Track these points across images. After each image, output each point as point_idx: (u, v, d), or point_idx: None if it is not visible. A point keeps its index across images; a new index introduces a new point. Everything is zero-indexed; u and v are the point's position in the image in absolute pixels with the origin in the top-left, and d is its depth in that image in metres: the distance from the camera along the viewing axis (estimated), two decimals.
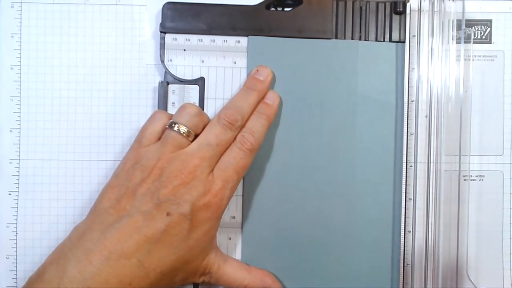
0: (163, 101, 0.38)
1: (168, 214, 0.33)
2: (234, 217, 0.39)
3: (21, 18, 0.39)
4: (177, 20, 0.38)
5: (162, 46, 0.39)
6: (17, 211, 0.39)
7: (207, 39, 0.39)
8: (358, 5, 0.39)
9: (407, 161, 0.38)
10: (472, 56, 0.39)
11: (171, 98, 0.38)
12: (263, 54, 0.39)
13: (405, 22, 0.39)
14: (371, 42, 0.39)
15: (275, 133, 0.39)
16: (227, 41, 0.39)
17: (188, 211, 0.33)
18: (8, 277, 0.38)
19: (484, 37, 0.40)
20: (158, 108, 0.38)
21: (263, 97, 0.37)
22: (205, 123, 0.36)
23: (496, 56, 0.40)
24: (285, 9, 0.39)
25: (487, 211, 0.39)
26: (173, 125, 0.35)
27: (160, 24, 0.38)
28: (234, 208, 0.39)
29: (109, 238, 0.32)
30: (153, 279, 0.33)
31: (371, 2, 0.39)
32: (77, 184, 0.39)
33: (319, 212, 0.39)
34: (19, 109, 0.39)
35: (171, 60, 0.39)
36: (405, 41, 0.39)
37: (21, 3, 0.39)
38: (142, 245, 0.32)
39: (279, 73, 0.38)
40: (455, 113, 0.38)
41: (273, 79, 0.38)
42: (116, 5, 0.39)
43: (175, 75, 0.39)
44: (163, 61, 0.39)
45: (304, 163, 0.39)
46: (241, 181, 0.38)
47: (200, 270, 0.35)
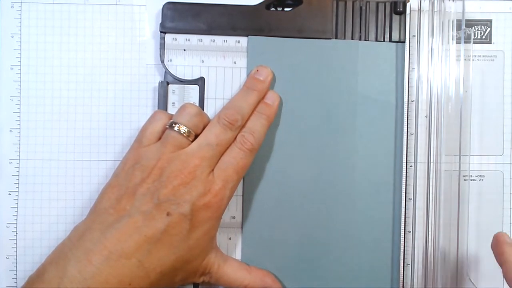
0: (163, 101, 0.38)
1: (168, 214, 0.33)
2: (234, 217, 0.39)
3: (21, 18, 0.39)
4: (177, 20, 0.38)
5: (162, 46, 0.39)
6: (17, 211, 0.39)
7: (207, 39, 0.39)
8: (358, 5, 0.39)
9: (407, 161, 0.38)
10: (472, 56, 0.39)
11: (171, 98, 0.38)
12: (263, 54, 0.39)
13: (405, 22, 0.39)
14: (371, 42, 0.39)
15: (275, 133, 0.39)
16: (227, 41, 0.39)
17: (188, 211, 0.33)
18: (8, 277, 0.38)
19: (484, 37, 0.40)
20: (158, 108, 0.38)
21: (263, 97, 0.37)
22: (205, 123, 0.36)
23: (496, 56, 0.40)
24: (285, 9, 0.39)
25: (487, 211, 0.39)
26: (173, 125, 0.35)
27: (160, 24, 0.38)
28: (234, 208, 0.39)
29: (109, 238, 0.32)
30: (153, 279, 0.33)
31: (371, 2, 0.39)
32: (77, 184, 0.39)
33: (319, 212, 0.39)
34: (19, 109, 0.39)
35: (171, 60, 0.39)
36: (405, 41, 0.39)
37: (21, 3, 0.39)
38: (142, 245, 0.32)
39: (279, 73, 0.39)
40: (455, 113, 0.38)
41: (273, 79, 0.38)
42: (116, 5, 0.39)
43: (175, 75, 0.39)
44: (163, 61, 0.39)
45: (304, 163, 0.39)
46: (241, 181, 0.38)
47: (200, 270, 0.35)
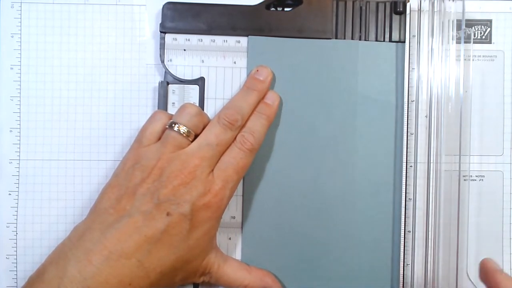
0: (163, 101, 0.38)
1: (168, 214, 0.33)
2: (234, 217, 0.39)
3: (21, 18, 0.39)
4: (177, 20, 0.38)
5: (162, 46, 0.39)
6: (17, 211, 0.39)
7: (207, 39, 0.39)
8: (358, 5, 0.39)
9: (407, 161, 0.38)
10: (472, 56, 0.39)
11: (171, 98, 0.38)
12: (263, 54, 0.39)
13: (405, 22, 0.39)
14: (371, 42, 0.39)
15: (275, 133, 0.39)
16: (227, 41, 0.39)
17: (188, 211, 0.33)
18: (8, 277, 0.38)
19: (484, 37, 0.40)
20: (158, 108, 0.38)
21: (263, 97, 0.37)
22: (205, 123, 0.36)
23: (496, 56, 0.40)
24: (285, 9, 0.39)
25: (487, 211, 0.39)
26: (173, 125, 0.35)
27: (160, 24, 0.38)
28: (234, 208, 0.39)
29: (109, 238, 0.32)
30: (153, 279, 0.33)
31: (371, 2, 0.39)
32: (77, 184, 0.39)
33: (318, 212, 0.39)
34: (19, 109, 0.39)
35: (171, 60, 0.39)
36: (405, 41, 0.39)
37: (21, 3, 0.39)
38: (142, 245, 0.32)
39: (279, 73, 0.38)
40: (455, 113, 0.38)
41: (273, 79, 0.38)
42: (116, 5, 0.39)
43: (175, 75, 0.39)
44: (163, 61, 0.39)
45: (304, 163, 0.39)
46: (241, 181, 0.38)
47: (200, 270, 0.35)
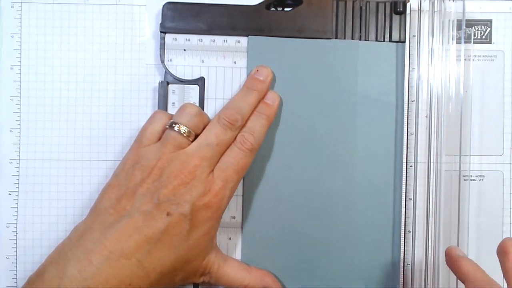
0: (163, 101, 0.38)
1: (168, 214, 0.33)
2: (234, 217, 0.39)
3: (21, 18, 0.39)
4: (177, 20, 0.38)
5: (162, 46, 0.39)
6: (17, 211, 0.39)
7: (207, 39, 0.39)
8: (358, 5, 0.39)
9: (407, 161, 0.38)
10: (472, 56, 0.39)
11: (171, 98, 0.38)
12: (263, 54, 0.39)
13: (405, 22, 0.39)
14: (371, 42, 0.39)
15: (275, 133, 0.39)
16: (227, 41, 0.39)
17: (188, 211, 0.33)
18: (8, 277, 0.38)
19: (484, 37, 0.40)
20: (158, 108, 0.38)
21: (263, 97, 0.37)
22: (205, 123, 0.36)
23: (496, 56, 0.40)
24: (285, 9, 0.39)
25: (487, 211, 0.39)
26: (173, 125, 0.35)
27: (160, 24, 0.38)
28: (234, 208, 0.39)
29: (109, 238, 0.32)
30: (153, 279, 0.33)
31: (371, 2, 0.39)
32: (77, 184, 0.39)
33: (319, 212, 0.39)
34: (19, 109, 0.39)
35: (171, 60, 0.39)
36: (405, 41, 0.39)
37: (21, 3, 0.39)
38: (142, 245, 0.32)
39: (279, 73, 0.38)
40: (455, 113, 0.38)
41: (273, 79, 0.38)
42: (116, 5, 0.39)
43: (175, 75, 0.39)
44: (163, 61, 0.39)
45: (304, 163, 0.39)
46: (241, 181, 0.38)
47: (200, 270, 0.35)
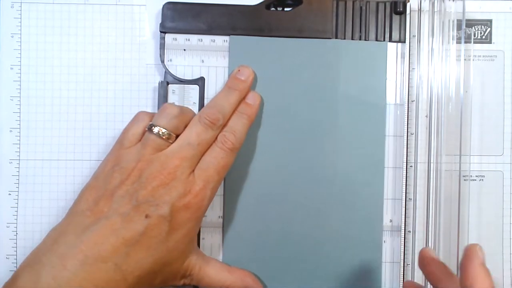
0: (163, 101, 0.38)
1: (146, 216, 0.32)
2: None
3: (21, 18, 0.39)
4: (177, 20, 0.38)
5: (162, 46, 0.39)
6: (17, 211, 0.39)
7: (207, 39, 0.39)
8: (358, 5, 0.39)
9: (407, 161, 0.38)
10: (472, 56, 0.39)
11: (171, 98, 0.38)
12: (244, 54, 0.38)
13: (405, 22, 0.39)
14: (356, 41, 0.39)
15: (258, 133, 0.38)
16: (227, 41, 0.39)
17: (168, 213, 0.32)
18: (8, 277, 0.38)
19: (484, 37, 0.40)
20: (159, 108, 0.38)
21: (244, 97, 0.37)
22: (187, 122, 0.35)
23: (496, 56, 0.40)
24: (285, 9, 0.39)
25: (487, 211, 0.39)
26: (153, 127, 0.34)
27: (160, 24, 0.38)
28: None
29: (85, 242, 0.31)
30: (130, 282, 0.32)
31: (371, 2, 0.39)
32: (77, 184, 0.39)
33: (300, 212, 0.38)
34: (19, 109, 0.39)
35: (171, 60, 0.39)
36: (405, 41, 0.39)
37: (21, 3, 0.39)
38: (120, 248, 0.31)
39: (261, 73, 0.38)
40: (455, 113, 0.38)
41: (255, 79, 0.38)
42: (116, 5, 0.39)
43: (175, 75, 0.39)
44: (163, 61, 0.39)
45: (287, 163, 0.38)
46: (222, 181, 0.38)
47: (180, 272, 0.35)
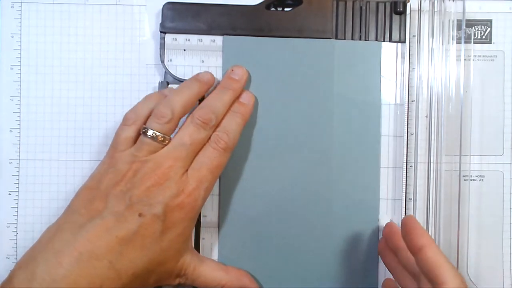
0: None
1: (140, 215, 0.32)
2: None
3: (21, 18, 0.39)
4: (177, 20, 0.38)
5: (162, 46, 0.39)
6: (17, 211, 0.39)
7: (207, 39, 0.39)
8: (358, 5, 0.39)
9: (407, 161, 0.38)
10: (472, 56, 0.39)
11: None
12: (238, 54, 0.38)
13: (405, 22, 0.39)
14: (348, 41, 0.39)
15: (253, 133, 0.38)
16: None
17: (161, 212, 0.33)
18: None
19: (484, 37, 0.40)
20: None
21: (238, 96, 0.37)
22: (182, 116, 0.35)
23: (496, 56, 0.40)
24: (285, 9, 0.39)
25: (487, 211, 0.39)
26: (147, 131, 0.34)
27: (160, 24, 0.38)
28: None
29: (80, 239, 0.31)
30: (125, 280, 0.32)
31: (371, 2, 0.39)
32: (77, 184, 0.39)
33: (296, 212, 0.38)
34: (19, 109, 0.39)
35: (171, 60, 0.39)
36: (405, 41, 0.39)
37: (21, 3, 0.39)
38: (114, 246, 0.32)
39: (254, 73, 0.38)
40: (455, 113, 0.38)
41: (249, 79, 0.38)
42: (116, 5, 0.39)
43: (175, 75, 0.39)
44: (163, 61, 0.39)
45: (282, 163, 0.38)
46: (217, 180, 0.38)
47: (175, 271, 0.35)
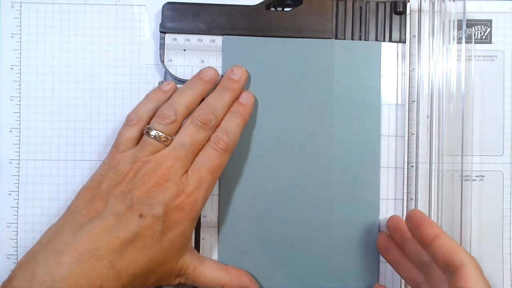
0: None
1: (140, 216, 0.32)
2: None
3: (21, 18, 0.39)
4: (177, 20, 0.38)
5: (162, 46, 0.39)
6: (17, 211, 0.39)
7: (207, 39, 0.39)
8: (358, 5, 0.39)
9: (408, 161, 0.38)
10: (472, 56, 0.39)
11: None
12: (238, 54, 0.38)
13: (405, 22, 0.39)
14: (347, 41, 0.39)
15: (253, 133, 0.38)
16: None
17: (161, 213, 0.33)
18: None
19: (484, 37, 0.40)
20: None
21: (238, 97, 0.37)
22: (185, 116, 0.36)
23: (496, 56, 0.40)
24: (285, 9, 0.39)
25: (487, 211, 0.39)
26: (150, 131, 0.34)
27: (160, 24, 0.38)
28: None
29: (80, 239, 0.32)
30: (125, 280, 0.32)
31: (371, 2, 0.39)
32: (77, 184, 0.39)
33: (296, 212, 0.38)
34: (19, 109, 0.39)
35: (171, 60, 0.39)
36: (405, 41, 0.39)
37: (21, 3, 0.39)
38: (114, 246, 0.32)
39: (254, 73, 0.38)
40: (456, 113, 0.38)
41: (248, 79, 0.38)
42: (116, 5, 0.39)
43: (175, 75, 0.38)
44: (163, 61, 0.39)
45: (282, 163, 0.38)
46: (217, 181, 0.38)
47: (175, 272, 0.35)
